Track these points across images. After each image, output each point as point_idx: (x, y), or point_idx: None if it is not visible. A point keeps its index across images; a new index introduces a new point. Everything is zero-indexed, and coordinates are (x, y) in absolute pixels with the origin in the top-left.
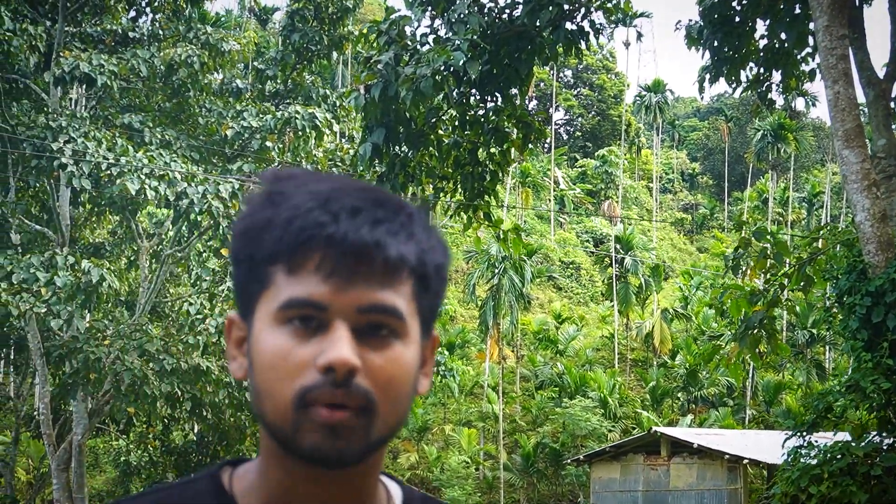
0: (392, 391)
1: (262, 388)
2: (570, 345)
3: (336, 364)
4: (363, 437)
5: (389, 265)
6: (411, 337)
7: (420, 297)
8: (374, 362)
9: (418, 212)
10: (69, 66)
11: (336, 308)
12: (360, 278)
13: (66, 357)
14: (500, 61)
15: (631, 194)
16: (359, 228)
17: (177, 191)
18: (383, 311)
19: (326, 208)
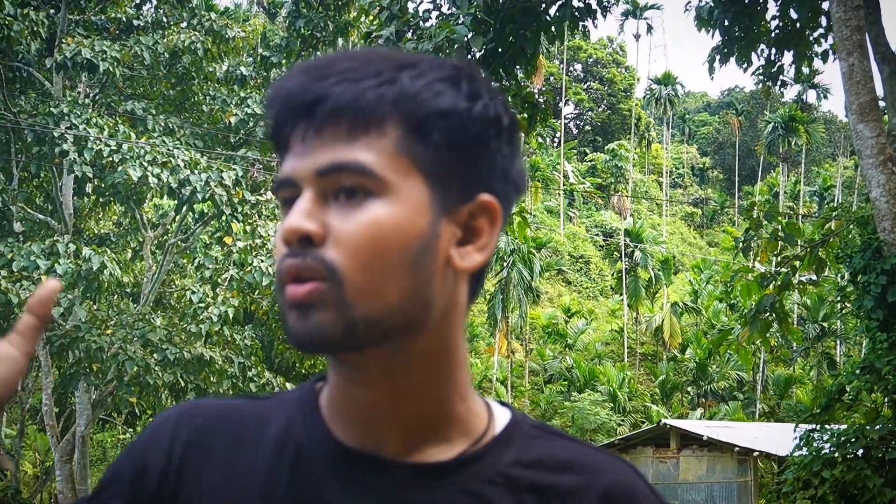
0: (365, 258)
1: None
2: (580, 339)
3: (285, 234)
4: (337, 312)
5: (343, 117)
6: (401, 198)
7: (415, 150)
8: (340, 227)
9: (433, 61)
10: (71, 52)
11: (301, 178)
12: (319, 139)
13: (68, 347)
14: (505, 39)
15: (641, 188)
16: (304, 83)
17: (180, 178)
18: (343, 169)
19: (296, 76)
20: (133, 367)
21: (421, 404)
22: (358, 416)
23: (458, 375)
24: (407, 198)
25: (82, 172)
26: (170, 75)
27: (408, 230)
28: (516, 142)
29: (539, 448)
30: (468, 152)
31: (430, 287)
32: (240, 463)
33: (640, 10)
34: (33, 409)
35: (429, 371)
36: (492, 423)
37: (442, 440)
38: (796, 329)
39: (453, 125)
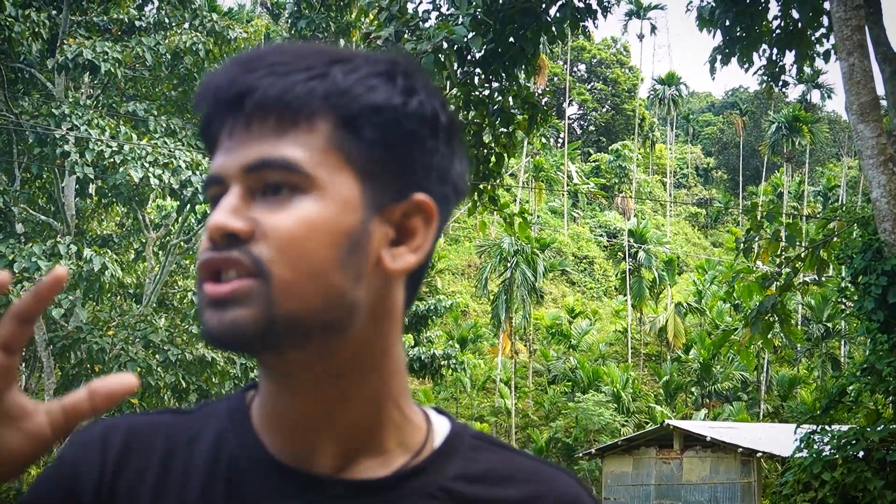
0: (292, 254)
1: None
2: (583, 339)
3: (210, 230)
4: (260, 308)
5: (270, 111)
6: (329, 194)
7: (347, 146)
8: (267, 223)
9: (367, 57)
10: (73, 53)
11: (228, 175)
12: (247, 134)
13: (70, 348)
14: (504, 39)
15: (645, 189)
16: (233, 76)
17: (181, 179)
18: (269, 165)
19: (227, 65)
20: (135, 369)
21: (351, 413)
22: (288, 427)
23: (391, 383)
24: (337, 195)
25: (84, 173)
26: (172, 76)
27: (337, 227)
28: (456, 143)
29: (482, 461)
30: (402, 150)
31: (358, 288)
32: (172, 479)
33: (643, 10)
34: None
35: (358, 377)
36: (431, 434)
37: (378, 453)
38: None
39: (387, 121)
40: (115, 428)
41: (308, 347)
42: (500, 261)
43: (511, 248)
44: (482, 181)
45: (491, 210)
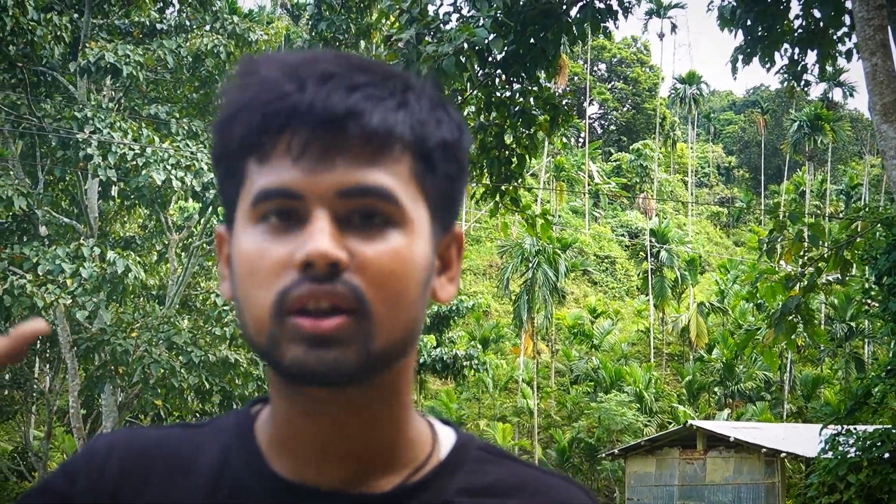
0: (390, 289)
1: (241, 299)
2: (606, 339)
3: (314, 257)
4: (359, 347)
5: (373, 138)
6: (415, 227)
7: (424, 179)
8: (364, 254)
9: (422, 83)
10: (95, 56)
11: (313, 194)
12: (340, 156)
13: (94, 350)
14: (525, 41)
15: (666, 188)
16: (329, 95)
17: (203, 181)
18: (369, 193)
19: (294, 76)
20: (158, 370)
21: (373, 435)
22: (303, 448)
23: (408, 401)
24: (419, 227)
25: (107, 176)
26: (193, 79)
27: (421, 262)
28: None
29: (488, 473)
30: (456, 183)
31: (423, 318)
32: (175, 495)
33: (663, 8)
34: (61, 411)
35: (388, 402)
36: (436, 446)
37: (387, 469)
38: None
39: (452, 156)
40: (120, 443)
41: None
42: (522, 261)
43: (533, 249)
44: (503, 182)
45: (513, 211)
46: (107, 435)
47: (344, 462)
